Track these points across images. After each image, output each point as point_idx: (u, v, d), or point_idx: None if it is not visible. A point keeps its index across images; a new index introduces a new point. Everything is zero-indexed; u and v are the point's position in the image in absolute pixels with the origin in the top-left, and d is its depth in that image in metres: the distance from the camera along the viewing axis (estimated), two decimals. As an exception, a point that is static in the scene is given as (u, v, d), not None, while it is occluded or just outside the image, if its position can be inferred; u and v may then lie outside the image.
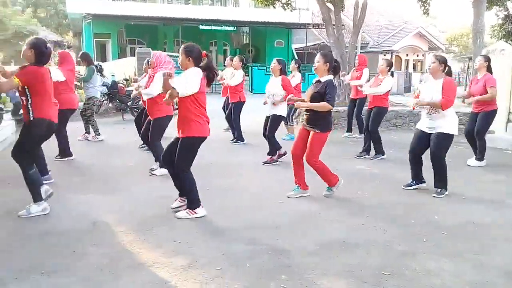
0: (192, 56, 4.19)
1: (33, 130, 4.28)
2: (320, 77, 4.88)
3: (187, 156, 4.27)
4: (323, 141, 4.85)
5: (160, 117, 5.84)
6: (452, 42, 40.61)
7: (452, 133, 5.04)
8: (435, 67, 5.00)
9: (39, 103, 4.24)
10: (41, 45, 4.23)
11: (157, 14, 24.32)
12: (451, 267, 3.31)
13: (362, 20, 13.06)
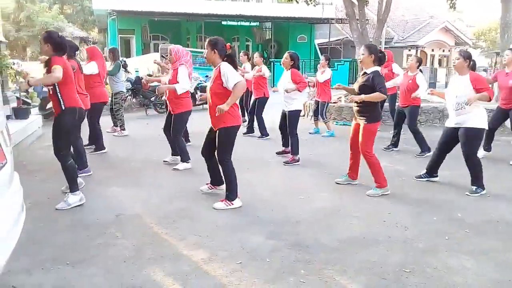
0: (217, 48, 4.33)
1: (66, 118, 4.39)
2: (366, 69, 4.94)
3: (226, 146, 4.44)
4: (373, 132, 4.92)
5: (182, 111, 5.92)
6: (480, 37, 39.70)
7: (481, 127, 4.98)
8: (460, 63, 4.95)
9: (68, 92, 4.37)
10: (53, 36, 4.33)
11: (180, 10, 24.48)
12: (474, 265, 3.27)
13: (387, 14, 12.87)
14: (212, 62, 4.43)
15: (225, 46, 4.40)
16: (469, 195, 5.00)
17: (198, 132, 6.67)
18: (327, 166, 6.28)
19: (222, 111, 4.23)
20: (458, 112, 4.99)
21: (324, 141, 8.36)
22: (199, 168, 6.02)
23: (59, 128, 4.40)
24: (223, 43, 4.40)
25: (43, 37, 4.34)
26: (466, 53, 5.02)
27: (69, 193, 4.47)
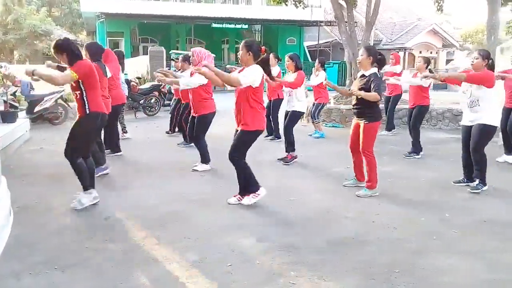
0: (252, 50, 4.37)
1: (89, 123, 4.41)
2: (364, 71, 4.95)
3: (241, 145, 4.51)
4: (373, 131, 4.98)
5: (206, 113, 5.96)
6: (467, 39, 40.08)
7: (492, 124, 5.08)
8: (478, 63, 5.06)
9: (93, 96, 4.38)
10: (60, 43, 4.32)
11: (169, 13, 24.43)
12: (462, 265, 3.30)
13: (375, 17, 12.95)
14: (245, 63, 4.45)
15: (261, 49, 4.44)
16: (470, 191, 5.10)
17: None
18: (317, 167, 6.31)
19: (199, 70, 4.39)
20: (472, 109, 5.11)
21: (315, 142, 8.39)
22: (188, 172, 6.02)
23: (79, 130, 4.41)
24: (258, 46, 4.44)
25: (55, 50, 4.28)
26: (485, 53, 5.12)
27: (82, 192, 4.48)
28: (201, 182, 5.54)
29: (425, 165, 6.51)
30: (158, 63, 18.21)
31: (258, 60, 4.43)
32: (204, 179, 5.65)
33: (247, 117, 4.42)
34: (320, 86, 8.67)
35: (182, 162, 6.47)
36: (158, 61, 18.39)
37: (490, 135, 5.15)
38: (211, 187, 5.30)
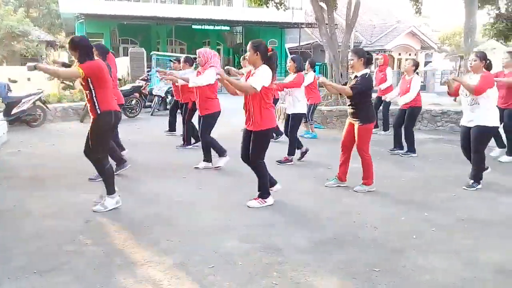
0: (260, 50, 4.43)
1: (102, 122, 4.39)
2: (356, 73, 5.09)
3: (261, 147, 4.58)
4: (368, 132, 5.13)
5: (211, 113, 6.04)
6: (445, 41, 40.84)
7: (492, 125, 5.25)
8: (476, 64, 5.24)
9: (103, 95, 4.35)
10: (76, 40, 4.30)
11: (150, 14, 24.26)
12: (441, 263, 3.36)
13: (355, 19, 13.09)
14: (253, 64, 4.51)
15: (267, 49, 4.49)
16: (466, 189, 5.29)
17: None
18: (300, 168, 6.34)
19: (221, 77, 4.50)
20: (473, 109, 5.25)
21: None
22: (170, 173, 5.99)
23: (95, 132, 4.40)
24: (265, 46, 4.49)
25: (69, 46, 4.28)
26: (482, 55, 5.31)
27: (106, 196, 4.47)
28: (184, 183, 5.52)
29: (405, 165, 6.61)
30: (139, 64, 18.07)
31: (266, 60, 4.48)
32: (186, 180, 5.63)
33: (258, 117, 4.47)
34: (311, 86, 8.70)
35: (164, 164, 6.44)
36: (139, 62, 18.23)
37: (490, 136, 5.38)
38: (194, 188, 5.28)
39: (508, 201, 4.94)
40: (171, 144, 7.96)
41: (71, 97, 12.31)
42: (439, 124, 10.01)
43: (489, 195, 5.12)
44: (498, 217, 4.42)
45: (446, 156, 7.27)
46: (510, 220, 4.34)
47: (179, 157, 7.09)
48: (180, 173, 5.99)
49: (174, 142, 8.23)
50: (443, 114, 10.03)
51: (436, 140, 8.81)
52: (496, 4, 17.18)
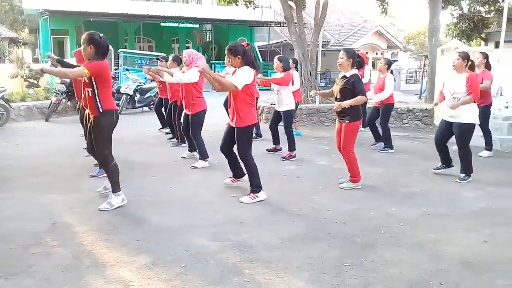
0: (239, 54, 4.59)
1: (105, 120, 4.36)
2: (345, 72, 5.16)
3: (245, 143, 4.74)
4: (354, 130, 5.23)
5: (199, 111, 6.18)
6: (410, 40, 41.78)
7: (472, 122, 5.47)
8: (459, 63, 5.43)
9: (105, 95, 4.35)
10: (97, 38, 4.28)
11: (117, 11, 23.80)
12: (408, 257, 3.45)
13: (323, 18, 13.25)
14: (235, 66, 4.70)
15: (243, 45, 4.66)
16: (459, 182, 5.51)
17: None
18: (270, 165, 6.36)
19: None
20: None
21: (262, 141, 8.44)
22: (139, 173, 5.92)
23: (97, 131, 4.37)
24: (241, 46, 4.64)
25: (87, 38, 4.25)
26: (465, 54, 5.49)
27: (111, 193, 4.46)
28: (154, 182, 5.46)
29: (372, 162, 6.74)
30: (106, 62, 17.69)
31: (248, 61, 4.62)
32: (156, 180, 5.57)
33: (241, 113, 4.63)
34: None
35: (133, 163, 6.35)
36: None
37: (472, 131, 5.57)
38: (164, 187, 5.24)
39: (471, 195, 5.11)
40: (140, 143, 7.87)
41: (35, 96, 11.98)
42: (405, 122, 10.26)
43: (453, 190, 5.29)
44: (461, 211, 4.57)
45: (412, 152, 7.46)
46: (472, 213, 4.50)
47: (149, 156, 7.02)
48: (150, 172, 5.93)
49: (143, 141, 8.13)
50: (409, 112, 10.28)
51: (403, 137, 9.02)
52: (459, 5, 17.70)
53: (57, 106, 11.08)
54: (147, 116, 11.88)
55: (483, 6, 17.46)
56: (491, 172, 6.11)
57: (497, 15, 16.74)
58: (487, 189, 5.34)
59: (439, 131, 5.80)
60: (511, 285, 3.05)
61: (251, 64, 4.63)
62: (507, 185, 5.55)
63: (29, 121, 10.53)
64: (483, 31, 18.78)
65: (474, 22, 17.90)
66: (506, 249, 3.63)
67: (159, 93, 8.86)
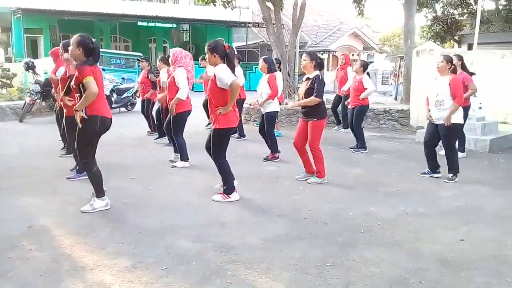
0: (217, 52, 4.54)
1: (87, 127, 4.25)
2: (308, 74, 5.39)
3: (220, 145, 4.71)
4: (321, 127, 5.44)
5: (182, 112, 6.17)
6: (385, 42, 42.33)
7: (457, 122, 5.60)
8: (443, 66, 5.54)
9: (95, 100, 4.18)
10: (87, 41, 4.21)
11: (93, 10, 23.42)
12: (388, 256, 3.50)
13: (301, 19, 13.33)
14: (214, 65, 4.64)
15: (224, 47, 4.62)
16: (447, 182, 5.61)
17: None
18: (251, 166, 6.36)
19: (223, 112, 4.53)
20: (439, 108, 5.57)
21: (244, 142, 8.45)
22: (118, 174, 5.84)
23: (80, 136, 4.29)
24: (222, 46, 4.61)
25: (76, 40, 4.17)
26: (449, 57, 5.64)
27: (95, 197, 4.35)
28: (133, 184, 5.40)
29: (351, 162, 6.81)
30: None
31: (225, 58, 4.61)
32: (135, 181, 5.51)
33: (219, 116, 4.58)
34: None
35: (112, 164, 6.25)
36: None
37: (458, 131, 5.76)
38: (143, 189, 5.18)
39: (448, 194, 5.22)
40: (118, 144, 7.77)
41: (9, 96, 11.71)
42: (382, 122, 10.40)
43: (431, 189, 5.39)
44: (439, 210, 4.66)
45: (389, 153, 7.57)
46: (450, 212, 4.60)
47: (128, 157, 6.93)
48: (129, 173, 5.86)
49: (121, 142, 8.04)
50: (386, 113, 10.43)
51: (380, 137, 9.14)
52: (433, 7, 18.04)
53: (31, 107, 10.83)
54: (125, 117, 11.73)
55: (456, 9, 17.83)
56: (466, 172, 6.24)
57: (470, 18, 17.13)
58: (464, 188, 5.46)
59: (428, 135, 5.87)
60: (489, 282, 3.12)
61: (229, 63, 4.60)
62: (482, 184, 5.69)
63: (2, 122, 10.27)
64: (456, 33, 19.16)
65: (447, 25, 18.24)
66: (483, 246, 3.72)
67: (142, 95, 8.78)
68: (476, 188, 5.49)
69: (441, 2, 17.41)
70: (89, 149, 4.36)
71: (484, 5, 16.68)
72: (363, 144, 7.57)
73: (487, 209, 4.72)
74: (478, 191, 5.40)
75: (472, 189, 5.46)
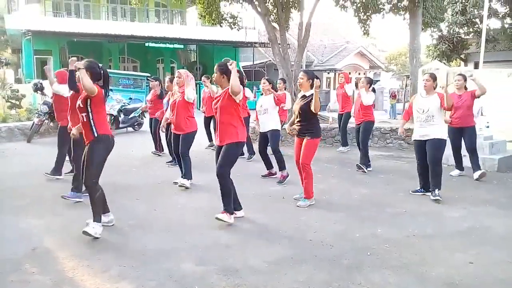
0: (228, 75, 4.59)
1: (100, 146, 4.30)
2: (305, 92, 5.44)
3: (227, 160, 4.68)
4: (315, 146, 5.41)
5: (190, 132, 6.27)
6: (391, 61, 42.50)
7: (444, 137, 5.70)
8: (430, 84, 5.69)
9: (100, 119, 4.32)
10: (94, 66, 4.33)
11: (101, 31, 23.79)
12: (395, 279, 3.43)
13: (307, 39, 13.39)
14: (220, 85, 4.79)
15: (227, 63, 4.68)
16: (432, 198, 5.59)
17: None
18: (255, 186, 6.32)
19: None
20: (428, 123, 5.65)
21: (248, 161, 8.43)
22: (121, 196, 5.83)
23: (91, 156, 4.27)
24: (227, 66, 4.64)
25: (85, 65, 4.25)
26: (434, 76, 5.78)
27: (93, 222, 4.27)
28: (138, 205, 5.38)
29: (358, 182, 6.75)
30: (90, 82, 17.57)
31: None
32: (140, 202, 5.49)
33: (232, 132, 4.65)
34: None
35: (118, 185, 6.26)
36: (90, 80, 17.74)
37: (444, 147, 5.76)
38: (148, 210, 5.16)
39: (453, 215, 5.13)
40: (124, 165, 7.77)
41: (17, 117, 11.82)
42: (389, 141, 10.34)
43: (436, 210, 5.31)
44: (446, 231, 4.58)
45: (396, 172, 7.50)
46: (457, 234, 4.52)
47: (133, 178, 6.93)
48: (134, 194, 5.85)
49: (127, 162, 8.04)
50: (392, 132, 10.37)
51: (387, 156, 9.08)
52: (438, 27, 18.12)
53: (39, 127, 10.91)
54: (132, 137, 11.79)
55: (462, 28, 17.90)
56: (474, 191, 6.17)
57: (476, 37, 17.16)
58: (471, 208, 5.38)
59: (418, 155, 5.90)
60: (497, 307, 3.04)
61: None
62: (490, 204, 5.60)
63: (10, 142, 10.35)
64: (462, 52, 19.19)
65: (453, 43, 18.29)
66: (492, 269, 3.64)
67: (151, 113, 8.81)
68: (484, 209, 5.40)
69: (446, 21, 17.46)
70: (98, 170, 4.36)
71: (489, 24, 16.75)
72: (366, 162, 7.51)
73: (495, 230, 4.63)
74: (486, 211, 5.31)
75: (480, 209, 5.37)
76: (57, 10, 26.38)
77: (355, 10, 13.32)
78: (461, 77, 7.06)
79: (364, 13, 13.33)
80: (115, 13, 28.52)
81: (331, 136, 10.44)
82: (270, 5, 13.94)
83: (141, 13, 28.46)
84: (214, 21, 14.45)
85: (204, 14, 14.35)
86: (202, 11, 14.41)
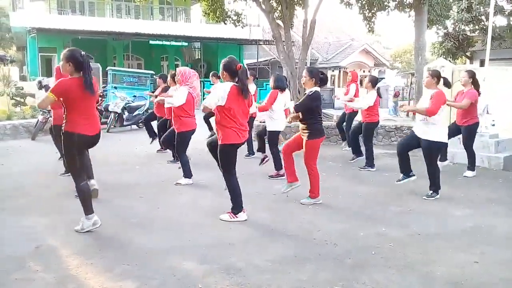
0: (228, 71, 4.64)
1: (64, 141, 4.30)
2: (307, 90, 5.42)
3: (226, 161, 4.69)
4: (314, 147, 5.35)
5: (184, 131, 6.21)
6: (396, 58, 42.32)
7: (441, 140, 5.57)
8: (429, 81, 5.64)
9: (72, 117, 4.21)
10: (77, 55, 4.22)
11: (106, 29, 23.82)
12: (399, 278, 3.41)
13: (311, 37, 13.36)
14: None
15: (236, 67, 4.62)
16: (426, 199, 5.58)
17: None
18: (259, 184, 6.31)
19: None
20: (423, 122, 5.60)
21: (253, 160, 8.40)
22: (124, 194, 5.83)
23: (63, 148, 4.39)
24: (232, 66, 4.63)
25: (66, 55, 4.20)
26: (434, 72, 5.70)
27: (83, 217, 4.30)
28: (141, 203, 5.38)
29: (362, 181, 6.73)
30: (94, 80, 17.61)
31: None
32: (143, 200, 5.49)
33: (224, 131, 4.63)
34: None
35: (121, 183, 6.26)
36: (94, 77, 17.79)
37: (439, 149, 5.75)
38: (151, 208, 5.15)
39: (458, 213, 5.11)
40: (127, 163, 7.78)
41: (22, 114, 11.85)
42: (393, 140, 10.30)
43: (441, 209, 5.27)
44: (451, 230, 4.55)
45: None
46: (462, 233, 4.49)
47: (136, 175, 6.93)
48: (137, 192, 5.85)
49: (130, 160, 8.04)
50: (397, 130, 10.34)
51: (391, 154, 9.02)
52: (444, 24, 18.00)
53: (44, 125, 10.93)
54: (136, 134, 11.80)
55: (468, 25, 17.77)
56: (479, 190, 6.13)
57: (482, 34, 17.05)
58: (476, 207, 5.34)
59: (406, 138, 5.95)
60: (503, 307, 3.02)
61: (242, 82, 4.61)
62: (495, 202, 5.56)
63: (15, 140, 10.39)
64: (468, 50, 19.06)
65: (459, 41, 18.16)
66: (498, 269, 3.61)
67: (156, 111, 8.83)
68: (489, 208, 5.37)
69: (452, 19, 17.34)
70: (70, 164, 4.36)
71: (495, 21, 16.63)
72: (370, 162, 7.47)
73: (500, 230, 4.60)
74: (491, 210, 5.27)
75: (485, 208, 5.34)
76: (61, 8, 26.49)
77: (360, 7, 13.28)
78: (466, 73, 7.01)
79: (369, 10, 13.28)
80: (119, 11, 28.56)
81: (335, 134, 10.40)
82: (275, 2, 13.91)
83: (145, 11, 28.48)
84: (219, 18, 14.45)
85: (208, 11, 14.34)
86: (206, 9, 14.40)
